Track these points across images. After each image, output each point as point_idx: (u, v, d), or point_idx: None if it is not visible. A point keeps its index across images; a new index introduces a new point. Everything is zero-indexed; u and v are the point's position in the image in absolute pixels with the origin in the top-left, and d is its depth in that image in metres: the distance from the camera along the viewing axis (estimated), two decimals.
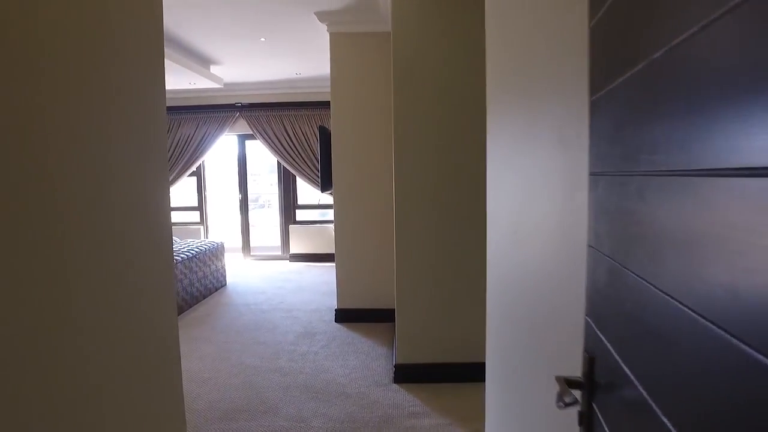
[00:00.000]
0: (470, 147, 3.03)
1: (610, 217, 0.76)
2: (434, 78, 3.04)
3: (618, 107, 0.72)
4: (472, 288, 3.12)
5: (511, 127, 1.61)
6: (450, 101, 3.04)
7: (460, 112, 3.04)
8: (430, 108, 3.05)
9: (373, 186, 4.40)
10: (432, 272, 3.15)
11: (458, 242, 3.10)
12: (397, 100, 3.09)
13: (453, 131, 3.04)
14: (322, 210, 7.79)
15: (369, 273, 4.47)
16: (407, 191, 3.10)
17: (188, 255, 5.00)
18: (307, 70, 6.28)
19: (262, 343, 3.98)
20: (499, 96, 1.80)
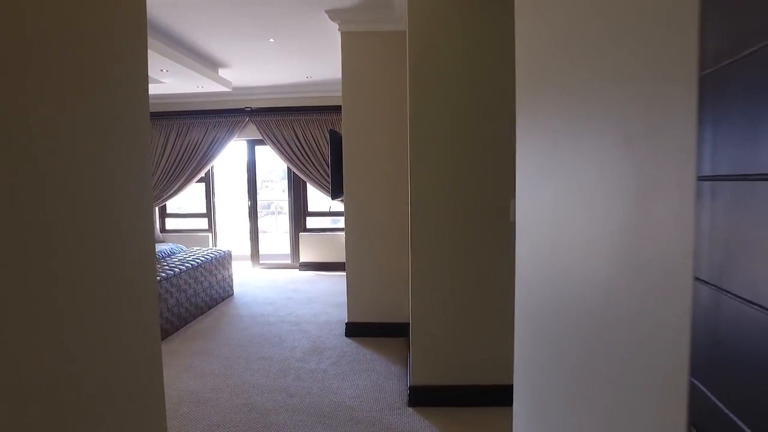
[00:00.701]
0: (492, 151, 2.78)
1: (745, 241, 0.51)
2: (453, 79, 2.81)
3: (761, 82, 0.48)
4: (495, 303, 2.86)
5: (550, 126, 1.37)
6: (470, 103, 2.80)
7: (481, 114, 2.80)
8: (448, 110, 2.81)
9: (386, 192, 4.17)
10: (450, 285, 2.90)
11: (479, 253, 2.85)
12: (413, 102, 2.86)
13: (473, 134, 2.80)
14: (334, 217, 7.58)
15: (382, 285, 4.22)
16: (423, 198, 2.86)
17: (193, 264, 4.81)
18: (318, 74, 6.09)
19: (268, 359, 3.75)
20: (534, 91, 1.56)
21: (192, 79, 5.33)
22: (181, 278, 4.52)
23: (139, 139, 1.30)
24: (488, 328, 2.88)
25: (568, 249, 1.26)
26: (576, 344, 1.14)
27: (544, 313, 1.47)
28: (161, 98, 6.97)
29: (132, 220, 1.24)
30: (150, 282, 1.34)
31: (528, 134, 1.67)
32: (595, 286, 1.04)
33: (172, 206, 7.97)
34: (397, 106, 4.09)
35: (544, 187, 1.49)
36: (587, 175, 1.06)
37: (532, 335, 1.65)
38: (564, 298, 1.28)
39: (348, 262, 4.26)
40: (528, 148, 1.68)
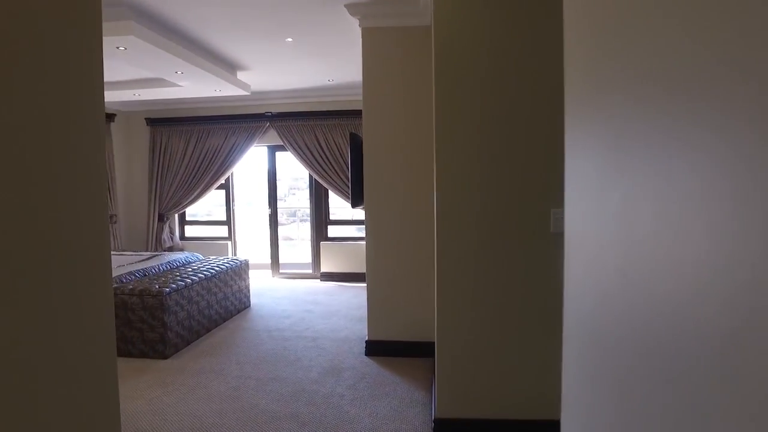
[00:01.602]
0: (529, 155, 2.43)
1: None
2: (483, 76, 2.47)
3: None
4: (534, 326, 2.50)
5: (617, 121, 1.04)
6: (502, 103, 2.45)
7: (515, 115, 2.45)
8: (477, 111, 2.48)
9: (410, 200, 3.85)
10: (481, 304, 2.55)
11: (515, 268, 2.49)
12: (439, 102, 2.53)
13: (506, 137, 2.46)
14: (358, 225, 7.30)
15: (404, 300, 3.90)
16: (450, 207, 2.53)
17: (206, 275, 4.57)
18: (340, 77, 5.84)
19: (281, 380, 3.46)
20: (594, 84, 1.23)
21: (209, 82, 5.13)
22: (192, 289, 4.28)
23: (86, 139, 1.12)
24: (527, 355, 2.52)
25: (649, 278, 0.92)
26: (662, 401, 0.80)
27: (607, 351, 1.14)
28: (179, 103, 6.84)
29: (76, 227, 1.08)
30: (102, 293, 1.18)
31: (582, 133, 1.33)
32: (701, 337, 0.69)
33: (193, 214, 7.83)
34: (421, 107, 3.78)
35: (606, 196, 1.15)
36: (682, 181, 0.73)
37: (588, 373, 1.31)
38: (642, 341, 0.95)
39: (368, 276, 3.95)
40: (581, 149, 1.35)
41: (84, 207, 1.16)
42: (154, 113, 7.18)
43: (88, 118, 1.18)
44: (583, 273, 1.37)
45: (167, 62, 4.30)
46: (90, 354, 1.17)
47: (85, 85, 1.24)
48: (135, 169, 7.30)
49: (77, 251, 1.11)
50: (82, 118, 1.15)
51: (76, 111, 1.15)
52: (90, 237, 1.17)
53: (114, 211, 6.70)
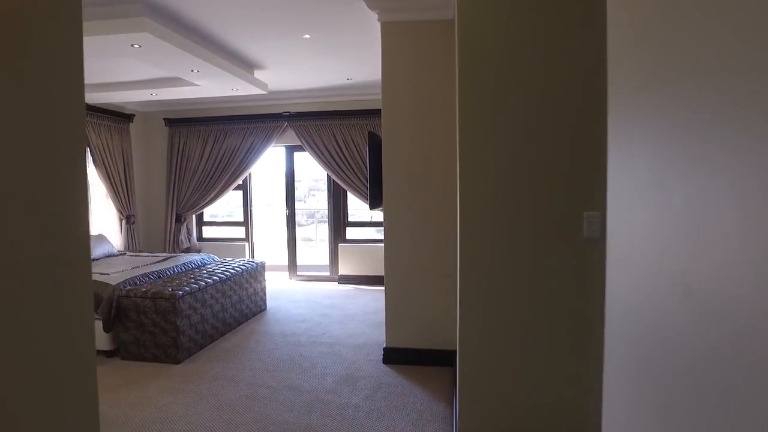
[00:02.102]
0: (560, 156, 2.24)
1: None
2: (511, 72, 2.28)
3: None
4: (564, 336, 2.31)
5: (681, 115, 0.88)
6: (530, 99, 2.26)
7: (544, 113, 2.25)
8: (504, 108, 2.29)
9: (431, 202, 3.68)
10: (507, 312, 2.36)
11: (544, 275, 2.30)
12: (463, 100, 2.35)
13: (534, 137, 2.26)
14: (377, 227, 7.15)
15: (424, 307, 3.73)
16: (473, 210, 2.35)
17: (221, 277, 4.47)
18: (359, 75, 5.70)
19: (295, 389, 3.32)
20: (650, 72, 1.06)
21: (226, 81, 5.04)
22: (207, 292, 4.18)
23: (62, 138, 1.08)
24: (556, 369, 2.32)
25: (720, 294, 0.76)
26: None
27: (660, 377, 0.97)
28: (197, 103, 6.79)
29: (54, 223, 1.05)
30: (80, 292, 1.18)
31: (631, 130, 1.16)
32: None
33: (214, 215, 7.79)
34: (442, 104, 3.61)
35: (665, 197, 0.98)
36: None
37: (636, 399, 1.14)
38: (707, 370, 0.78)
39: (387, 280, 3.79)
40: (630, 147, 1.18)
41: (63, 208, 1.15)
42: (173, 113, 7.15)
43: (66, 117, 1.16)
44: (631, 284, 1.19)
45: (183, 60, 4.22)
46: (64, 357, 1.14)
47: (62, 83, 1.22)
48: (153, 170, 7.29)
49: (54, 253, 1.08)
50: (60, 118, 1.13)
51: (52, 109, 1.11)
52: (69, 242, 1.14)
53: (132, 211, 6.68)
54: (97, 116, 6.16)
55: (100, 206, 6.44)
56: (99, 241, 5.37)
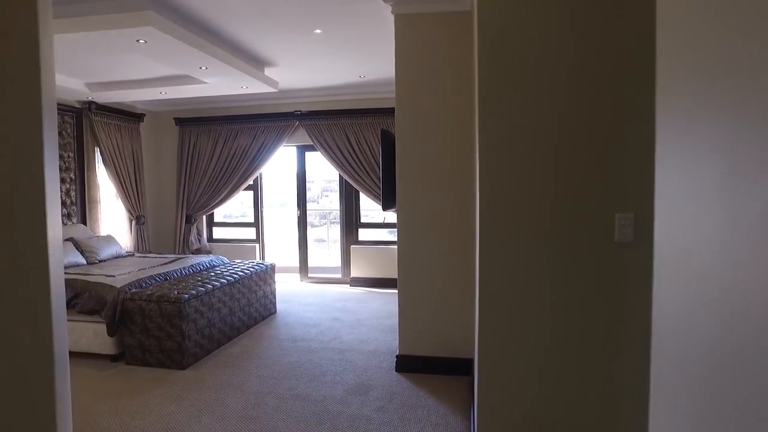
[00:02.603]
0: (589, 155, 2.04)
1: None
2: (536, 65, 2.09)
3: None
4: (592, 350, 2.11)
5: None
6: (557, 92, 2.07)
7: (573, 106, 2.06)
8: (527, 104, 2.10)
9: (447, 202, 3.50)
10: (531, 321, 2.17)
11: (572, 282, 2.11)
12: (484, 94, 2.17)
13: (561, 132, 2.07)
14: (391, 228, 6.98)
15: (439, 313, 3.55)
16: (495, 211, 2.17)
17: (229, 280, 4.34)
18: (372, 72, 5.54)
19: (303, 398, 3.17)
20: (720, 54, 0.88)
21: (235, 79, 4.92)
22: (214, 295, 4.05)
23: None
24: (584, 382, 2.13)
25: None
26: None
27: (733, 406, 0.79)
28: (207, 102, 6.69)
29: None
30: None
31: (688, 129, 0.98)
32: None
33: (228, 215, 7.70)
34: (459, 99, 3.43)
35: (737, 202, 0.80)
36: None
37: None
38: None
39: (400, 285, 3.62)
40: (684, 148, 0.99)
41: None
42: (183, 113, 7.06)
43: None
44: (690, 296, 1.01)
45: (190, 56, 4.10)
46: None
47: (21, 81, 1.27)
48: (163, 170, 7.21)
49: None
50: None
51: None
52: None
53: (142, 212, 6.60)
54: (107, 116, 6.08)
55: (110, 206, 6.37)
56: (107, 242, 5.28)
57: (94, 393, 3.27)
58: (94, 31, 3.43)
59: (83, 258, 4.84)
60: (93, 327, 3.83)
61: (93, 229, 5.87)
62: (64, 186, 5.61)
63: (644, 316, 1.96)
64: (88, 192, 5.91)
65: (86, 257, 4.88)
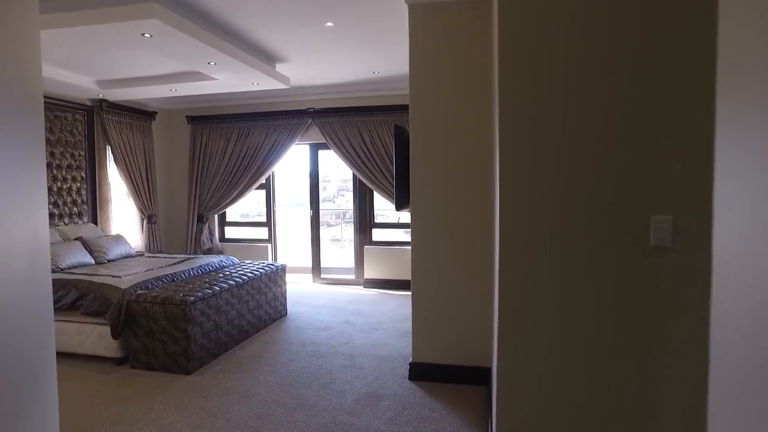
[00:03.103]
0: (622, 151, 1.83)
1: None
2: (563, 56, 1.89)
3: None
4: (624, 366, 1.91)
5: None
6: (583, 82, 1.87)
7: (603, 98, 1.85)
8: (553, 96, 1.89)
9: (464, 202, 3.31)
10: (556, 331, 1.97)
11: (603, 291, 1.91)
12: (505, 89, 1.97)
13: (590, 125, 1.87)
14: (406, 228, 6.80)
15: (455, 318, 3.36)
16: (517, 211, 1.97)
17: (238, 281, 4.21)
18: (385, 68, 5.37)
19: (310, 408, 3.01)
20: None
21: (245, 75, 4.79)
22: (221, 298, 3.92)
23: None
24: (617, 400, 1.93)
25: None
26: None
27: None
28: (219, 99, 6.59)
29: None
30: None
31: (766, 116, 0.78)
32: None
33: (245, 214, 7.61)
34: (478, 94, 3.24)
35: None
36: None
37: None
38: None
39: (414, 288, 3.44)
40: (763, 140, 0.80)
41: None
42: (195, 111, 6.98)
43: None
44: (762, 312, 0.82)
45: (198, 51, 3.97)
46: None
47: None
48: (175, 169, 7.14)
49: None
50: None
51: None
52: None
53: (154, 211, 6.52)
54: (119, 114, 6.02)
55: (122, 206, 6.31)
56: (116, 241, 5.20)
57: (96, 398, 3.16)
58: (98, 25, 3.32)
59: (92, 258, 4.76)
60: (98, 329, 3.73)
61: (104, 229, 5.80)
62: (75, 185, 5.56)
63: (689, 328, 1.76)
64: (99, 191, 5.85)
65: (95, 257, 4.80)
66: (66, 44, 3.77)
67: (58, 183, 5.32)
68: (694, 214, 1.75)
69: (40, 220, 1.69)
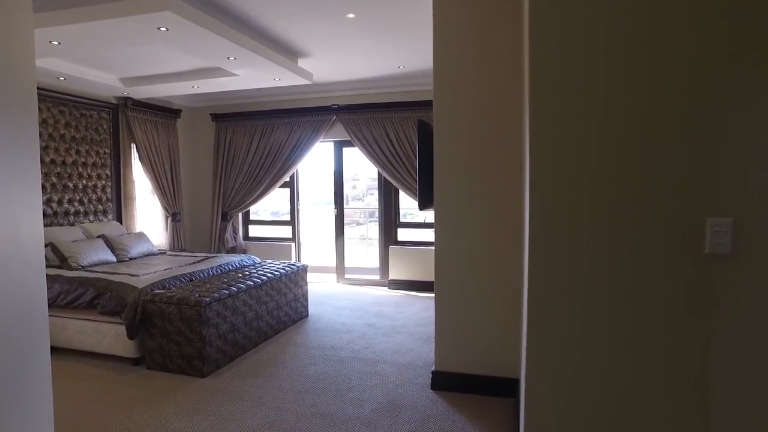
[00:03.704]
0: (671, 147, 1.59)
1: None
2: (602, 47, 1.65)
3: None
4: (677, 385, 1.67)
5: None
6: (621, 69, 1.63)
7: (663, 89, 1.61)
8: (592, 86, 1.67)
9: (491, 202, 3.10)
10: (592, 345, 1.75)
11: (648, 303, 1.67)
12: (535, 83, 1.74)
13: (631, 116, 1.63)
14: (432, 228, 6.58)
15: (481, 325, 3.15)
16: (549, 211, 1.75)
17: (257, 282, 4.09)
18: (411, 62, 5.18)
19: (326, 417, 2.86)
20: None
21: (267, 70, 4.68)
22: (238, 298, 3.81)
23: None
24: (662, 423, 1.69)
25: None
26: None
27: None
28: (243, 97, 6.52)
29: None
30: None
31: None
32: None
33: (275, 212, 7.56)
34: (507, 84, 3.01)
35: None
36: None
37: None
38: None
39: (437, 293, 3.25)
40: None
41: None
42: (219, 108, 6.94)
43: None
44: None
45: (216, 45, 3.87)
46: None
47: None
48: (200, 166, 7.12)
49: None
50: None
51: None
52: None
53: (178, 209, 6.51)
54: (143, 111, 6.01)
55: (146, 203, 6.31)
56: (138, 239, 5.17)
57: (108, 399, 3.09)
58: (113, 19, 3.24)
59: (113, 255, 4.74)
60: (115, 328, 3.68)
61: (129, 226, 5.81)
62: (100, 182, 5.57)
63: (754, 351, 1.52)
64: (124, 188, 5.85)
65: (116, 255, 4.78)
66: (84, 41, 3.72)
67: (83, 181, 5.34)
68: (760, 216, 1.50)
69: (27, 215, 1.61)
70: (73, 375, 3.52)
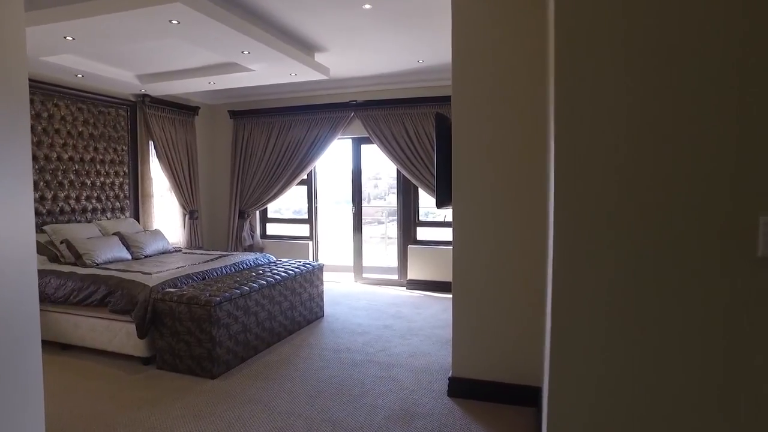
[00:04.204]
0: (719, 130, 1.41)
1: None
2: (635, 37, 1.48)
3: None
4: (726, 403, 1.49)
5: None
6: (674, 72, 1.45)
7: (708, 75, 1.43)
8: (626, 81, 1.49)
9: (511, 200, 2.92)
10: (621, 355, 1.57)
11: (689, 311, 1.49)
12: (561, 74, 1.57)
13: (683, 103, 1.45)
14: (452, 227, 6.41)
15: (501, 330, 2.98)
16: (575, 209, 1.58)
17: (270, 281, 3.99)
18: (430, 56, 5.01)
19: (336, 424, 2.73)
20: None
21: (282, 65, 4.58)
22: (251, 298, 3.72)
23: None
24: None
25: None
26: None
27: None
28: (259, 93, 6.45)
29: None
30: None
31: None
32: None
33: (298, 210, 7.50)
34: (530, 76, 2.84)
35: None
36: None
37: None
38: None
39: (455, 295, 3.09)
40: None
41: None
42: (237, 105, 6.89)
43: None
44: None
45: (229, 39, 3.78)
46: None
47: None
48: (217, 164, 7.09)
49: None
50: None
51: None
52: None
53: (195, 207, 6.48)
54: (161, 108, 5.99)
55: (164, 201, 6.30)
56: (154, 237, 5.14)
57: (116, 400, 3.02)
58: (124, 12, 3.17)
59: (128, 253, 4.70)
60: (126, 327, 3.62)
61: (146, 224, 5.79)
62: (118, 180, 5.56)
63: None
64: (141, 186, 5.84)
65: (132, 252, 4.74)
66: (97, 35, 3.67)
67: (101, 178, 5.33)
68: None
69: (17, 213, 1.53)
70: (84, 373, 3.47)
